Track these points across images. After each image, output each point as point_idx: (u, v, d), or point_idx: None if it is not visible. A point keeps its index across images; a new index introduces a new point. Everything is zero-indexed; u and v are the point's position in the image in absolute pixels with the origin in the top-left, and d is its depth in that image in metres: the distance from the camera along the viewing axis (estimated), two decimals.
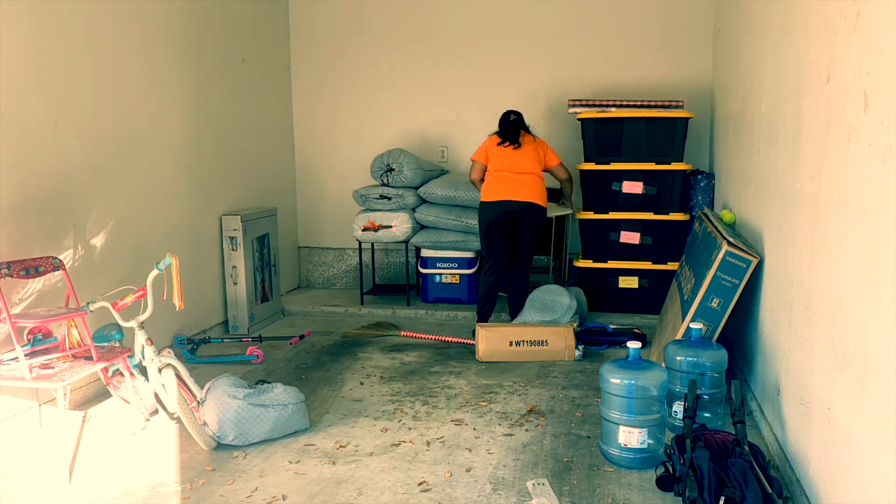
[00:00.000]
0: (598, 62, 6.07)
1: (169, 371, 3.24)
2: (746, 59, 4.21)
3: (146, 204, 4.47)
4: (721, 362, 3.43)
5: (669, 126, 5.31)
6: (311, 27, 6.51)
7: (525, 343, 4.61)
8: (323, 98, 6.59)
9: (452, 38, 6.28)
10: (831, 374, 2.39)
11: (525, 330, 4.69)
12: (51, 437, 3.45)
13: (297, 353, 4.83)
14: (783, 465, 2.95)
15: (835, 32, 2.44)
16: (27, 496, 2.91)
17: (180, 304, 3.30)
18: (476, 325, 4.79)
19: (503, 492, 2.89)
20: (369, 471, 3.09)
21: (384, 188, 5.84)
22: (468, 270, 5.87)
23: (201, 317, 5.07)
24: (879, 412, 1.97)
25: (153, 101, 4.54)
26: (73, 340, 3.32)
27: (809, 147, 2.73)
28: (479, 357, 4.61)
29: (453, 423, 3.59)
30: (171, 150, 4.74)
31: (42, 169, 3.64)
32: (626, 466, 3.08)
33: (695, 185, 5.44)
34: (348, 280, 6.71)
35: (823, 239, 2.53)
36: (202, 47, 5.08)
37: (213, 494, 2.90)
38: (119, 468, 3.14)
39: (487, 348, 4.60)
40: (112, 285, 3.88)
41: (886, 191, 1.95)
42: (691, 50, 5.88)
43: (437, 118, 6.40)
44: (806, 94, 2.80)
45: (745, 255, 3.57)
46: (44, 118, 3.65)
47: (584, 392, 4.02)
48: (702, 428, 2.96)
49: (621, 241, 5.48)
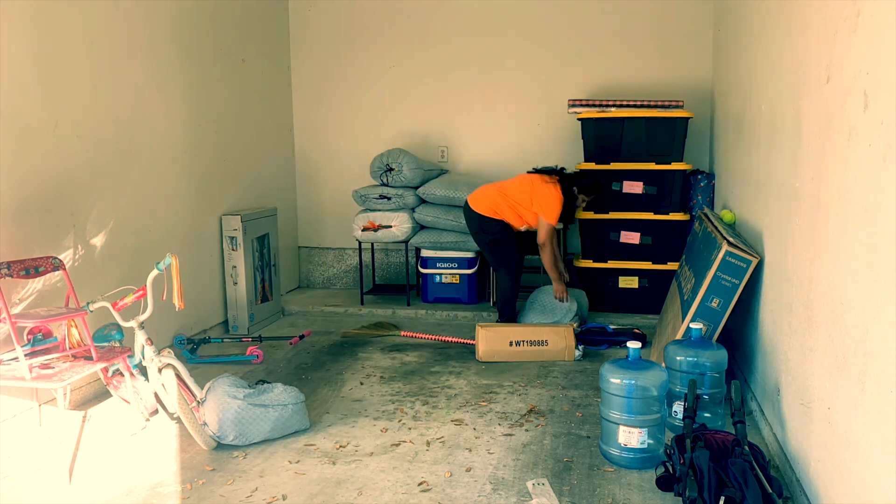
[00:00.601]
0: (597, 62, 6.07)
1: (169, 371, 3.24)
2: (746, 59, 4.21)
3: (146, 204, 4.47)
4: (721, 362, 3.43)
5: (669, 126, 5.31)
6: (311, 27, 6.51)
7: (525, 343, 4.61)
8: (323, 98, 6.58)
9: (452, 38, 6.28)
10: (831, 374, 2.39)
11: (525, 330, 4.70)
12: (51, 437, 3.45)
13: (297, 353, 4.83)
14: (783, 465, 2.95)
15: (835, 32, 2.44)
16: (27, 496, 2.91)
17: (180, 304, 3.30)
18: (476, 325, 4.79)
19: (503, 492, 2.89)
20: (369, 471, 3.09)
21: (384, 188, 5.84)
22: (468, 270, 5.86)
23: (201, 317, 5.07)
24: (879, 412, 1.97)
25: (153, 101, 4.54)
26: (73, 340, 3.32)
27: (809, 147, 2.73)
28: (479, 357, 4.62)
29: (453, 423, 3.59)
30: (172, 150, 4.74)
31: (42, 169, 3.65)
32: (626, 466, 3.08)
33: (695, 185, 5.44)
34: (348, 280, 6.71)
35: (823, 239, 2.53)
36: (202, 47, 5.08)
37: (213, 494, 2.90)
38: (119, 468, 3.14)
39: (487, 348, 4.61)
40: (112, 285, 3.88)
41: (886, 191, 1.95)
42: (691, 50, 5.88)
43: (437, 118, 6.40)
44: (806, 94, 2.80)
45: (745, 255, 3.57)
46: (44, 118, 3.66)
47: (584, 392, 4.02)
48: (702, 428, 2.96)
49: (621, 241, 5.48)
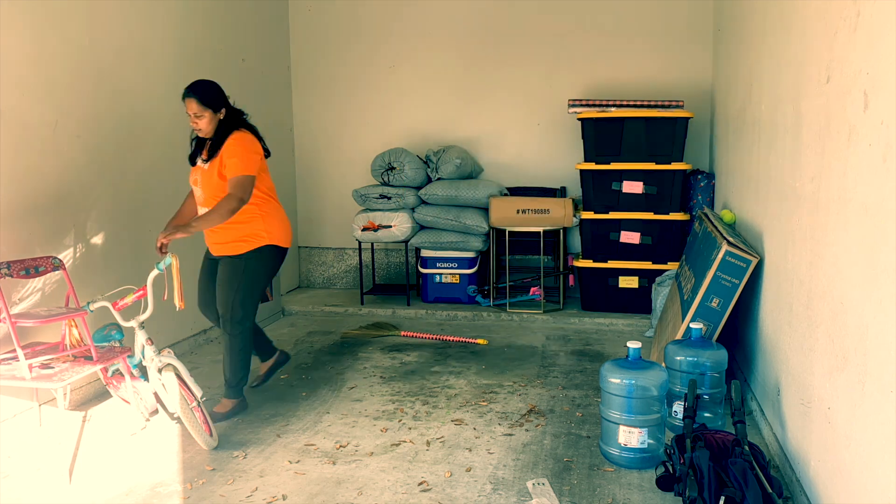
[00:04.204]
0: (598, 62, 6.07)
1: (169, 371, 3.24)
2: (746, 59, 4.21)
3: (146, 203, 4.47)
4: (721, 362, 3.43)
5: (669, 126, 5.31)
6: (311, 27, 6.51)
7: (530, 211, 5.56)
8: (323, 98, 6.58)
9: (452, 38, 6.28)
10: (831, 373, 2.39)
11: (531, 201, 5.62)
12: (51, 437, 3.45)
13: (298, 352, 4.83)
14: (783, 464, 2.95)
15: (835, 32, 2.44)
16: (27, 496, 2.91)
17: (181, 304, 3.30)
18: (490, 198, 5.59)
19: (503, 491, 2.89)
20: (369, 471, 3.09)
21: (384, 188, 5.84)
22: (468, 270, 5.86)
23: (201, 317, 5.05)
24: (879, 412, 1.97)
25: (153, 101, 4.54)
26: (73, 340, 3.32)
27: (809, 147, 2.73)
28: (491, 223, 5.64)
29: (453, 423, 3.59)
30: (172, 149, 4.73)
31: (42, 169, 3.64)
32: (626, 466, 3.08)
33: (695, 185, 5.44)
34: (348, 280, 6.71)
35: (823, 239, 2.53)
36: (202, 47, 5.08)
37: (213, 494, 2.90)
38: (119, 468, 3.14)
39: (498, 215, 5.58)
40: (112, 285, 3.88)
41: (886, 191, 1.95)
42: (691, 50, 5.88)
43: (437, 118, 6.40)
44: (806, 94, 2.80)
45: (745, 254, 3.57)
46: (44, 118, 3.65)
47: (584, 392, 4.02)
48: (702, 428, 2.96)
49: (621, 240, 5.48)
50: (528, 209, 5.57)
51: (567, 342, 5.02)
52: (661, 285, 5.00)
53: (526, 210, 5.57)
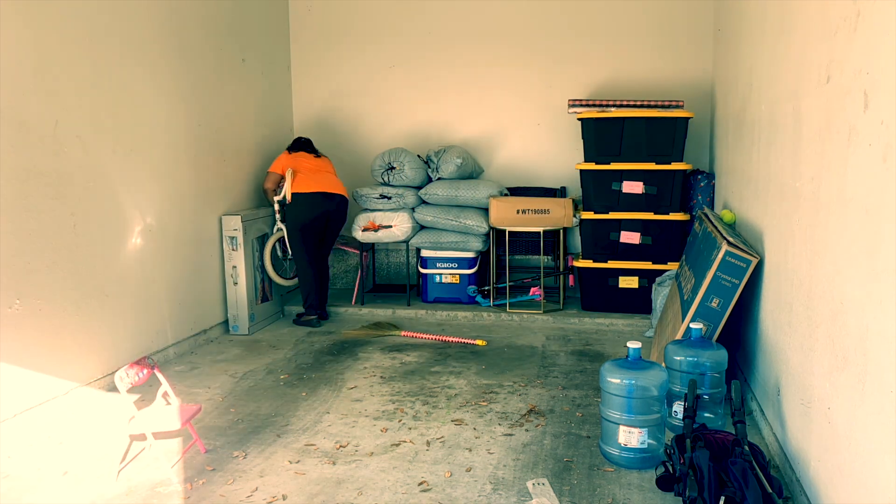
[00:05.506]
0: (598, 62, 6.07)
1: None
2: (746, 59, 4.21)
3: (146, 204, 4.47)
4: (721, 362, 3.43)
5: (669, 126, 5.31)
6: (311, 27, 6.51)
7: (530, 211, 5.52)
8: (322, 98, 6.59)
9: (452, 37, 6.29)
10: (831, 373, 2.39)
11: (531, 201, 5.58)
12: (51, 437, 3.45)
13: (298, 353, 4.83)
14: (783, 465, 2.95)
15: (835, 32, 2.44)
16: (27, 496, 2.91)
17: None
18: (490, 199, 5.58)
19: (503, 492, 2.89)
20: (369, 471, 3.09)
21: (384, 188, 5.84)
22: (468, 270, 5.86)
23: (201, 317, 5.07)
24: (879, 412, 1.97)
25: (153, 101, 4.54)
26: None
27: (809, 147, 2.73)
28: (491, 223, 5.61)
29: (453, 423, 3.59)
30: (172, 149, 4.74)
31: (42, 169, 3.65)
32: (626, 466, 3.08)
33: (695, 185, 5.44)
34: (348, 280, 6.71)
35: (823, 239, 2.53)
36: (202, 47, 5.08)
37: (213, 494, 2.90)
38: (119, 468, 3.13)
39: (498, 215, 5.54)
40: (111, 285, 3.88)
41: (886, 191, 1.95)
42: (691, 50, 5.88)
43: (437, 118, 6.40)
44: (806, 94, 2.80)
45: (745, 254, 3.57)
46: (44, 118, 3.65)
47: (584, 392, 4.02)
48: (702, 428, 2.96)
49: (621, 241, 5.48)
50: (528, 209, 5.53)
51: (567, 342, 5.02)
52: (661, 285, 5.00)
53: (526, 210, 5.54)
